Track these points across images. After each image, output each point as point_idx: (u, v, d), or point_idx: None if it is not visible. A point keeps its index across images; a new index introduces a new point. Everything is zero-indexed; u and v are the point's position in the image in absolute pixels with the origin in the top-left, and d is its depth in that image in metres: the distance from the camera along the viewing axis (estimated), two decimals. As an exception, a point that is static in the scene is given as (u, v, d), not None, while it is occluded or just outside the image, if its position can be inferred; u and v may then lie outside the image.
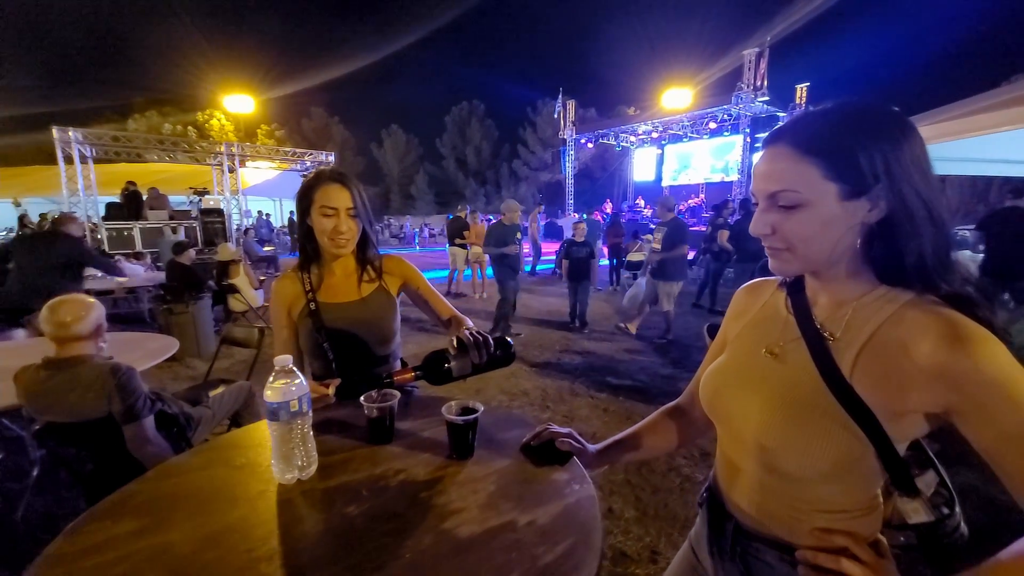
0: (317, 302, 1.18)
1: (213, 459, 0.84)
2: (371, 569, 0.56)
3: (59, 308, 1.59)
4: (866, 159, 0.54)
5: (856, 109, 0.57)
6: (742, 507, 0.67)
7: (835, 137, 0.55)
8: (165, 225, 9.46)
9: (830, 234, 0.57)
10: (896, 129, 0.55)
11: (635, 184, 19.84)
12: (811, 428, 0.57)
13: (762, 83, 12.95)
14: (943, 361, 0.51)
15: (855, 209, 0.56)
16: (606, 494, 2.35)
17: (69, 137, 9.43)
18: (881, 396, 0.54)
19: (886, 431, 0.54)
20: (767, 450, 0.61)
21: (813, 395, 0.58)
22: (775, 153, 0.58)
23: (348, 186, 1.15)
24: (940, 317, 0.53)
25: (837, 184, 0.55)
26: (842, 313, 0.60)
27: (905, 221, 0.55)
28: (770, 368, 0.64)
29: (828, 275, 0.61)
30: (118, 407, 1.62)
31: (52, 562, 0.58)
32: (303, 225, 1.18)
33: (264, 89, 37.40)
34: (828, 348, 0.59)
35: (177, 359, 4.21)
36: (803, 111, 0.63)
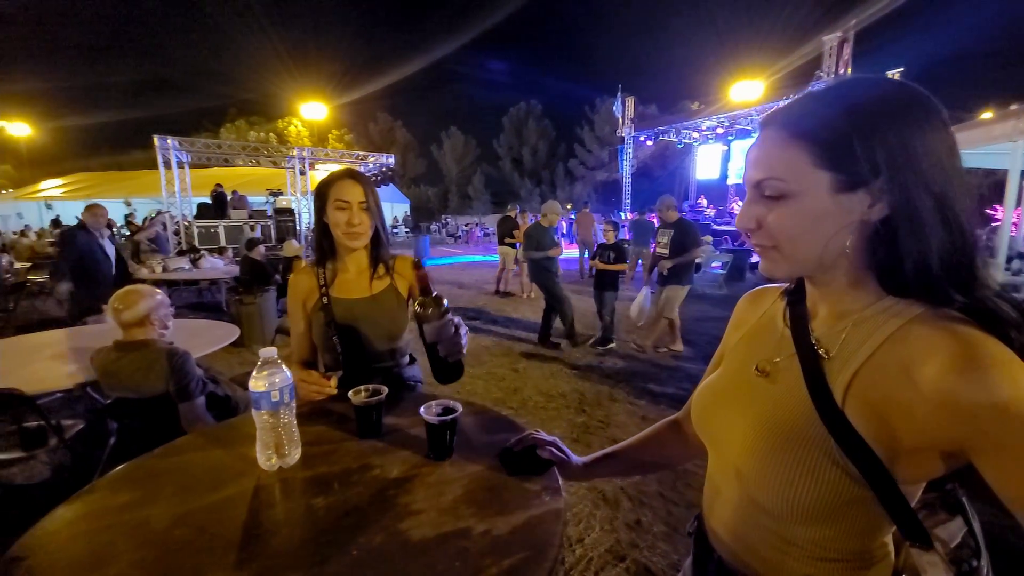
0: (329, 296, 1.22)
1: (215, 440, 0.89)
2: (318, 562, 0.57)
3: (128, 297, 1.79)
4: (865, 145, 0.45)
5: (863, 88, 0.48)
6: (725, 541, 0.60)
7: (831, 119, 0.47)
8: (245, 223, 10.39)
9: (819, 232, 0.49)
10: (910, 112, 0.46)
11: (697, 183, 18.87)
12: (796, 459, 0.49)
13: (845, 72, 11.81)
14: (952, 388, 0.42)
15: (850, 204, 0.47)
16: (636, 505, 2.25)
17: (168, 145, 10.62)
18: (879, 428, 0.46)
19: (888, 469, 0.46)
20: (749, 480, 0.54)
21: (801, 421, 0.50)
22: (764, 137, 0.51)
23: (360, 182, 1.20)
24: (952, 335, 0.44)
25: (829, 173, 0.47)
26: (840, 327, 0.52)
27: (908, 221, 0.46)
28: (759, 387, 0.57)
29: (825, 282, 0.53)
30: (173, 386, 1.79)
31: (50, 526, 0.64)
32: (319, 222, 1.23)
33: (336, 96, 39.92)
34: (822, 368, 0.51)
35: (244, 345, 4.60)
36: (805, 91, 0.54)
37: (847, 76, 0.50)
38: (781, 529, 0.53)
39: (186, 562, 0.57)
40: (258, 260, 5.77)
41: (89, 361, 1.85)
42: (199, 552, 0.58)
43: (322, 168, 15.50)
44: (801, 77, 13.91)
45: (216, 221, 10.32)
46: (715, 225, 12.98)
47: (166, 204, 10.75)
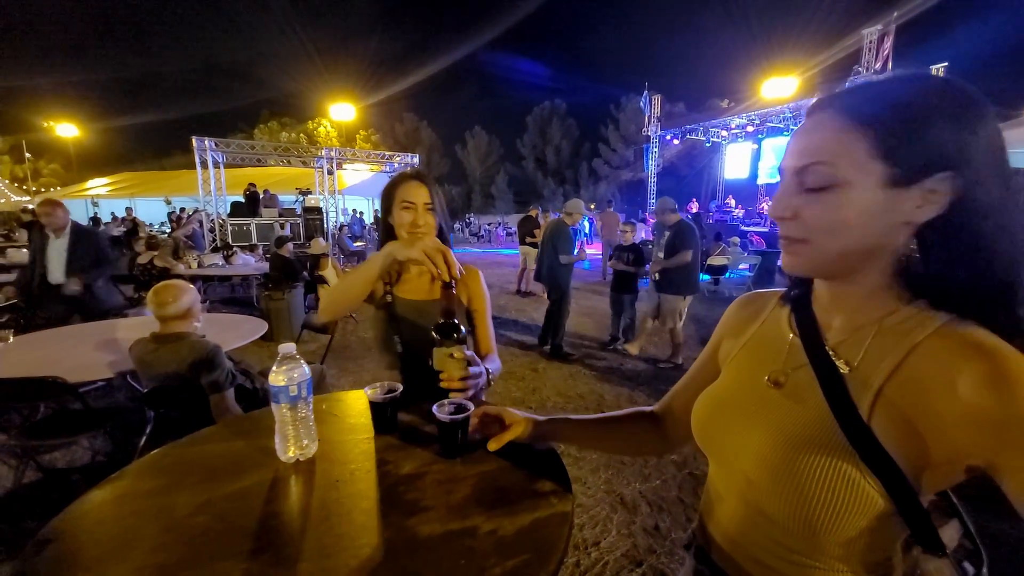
0: (393, 295, 1.25)
1: (237, 432, 0.93)
2: (327, 554, 0.58)
3: (160, 291, 1.87)
4: (929, 139, 0.43)
5: (929, 82, 0.46)
6: (728, 556, 0.58)
7: (896, 106, 0.44)
8: (275, 221, 10.73)
9: (861, 228, 0.46)
10: (973, 111, 0.44)
11: (726, 182, 18.41)
12: (819, 475, 0.47)
13: (884, 66, 11.30)
14: (984, 404, 0.41)
15: (901, 201, 0.45)
16: (654, 511, 2.22)
17: (205, 146, 11.07)
18: (905, 443, 0.45)
19: (911, 483, 0.45)
20: (760, 492, 0.52)
21: (822, 436, 0.48)
22: (817, 121, 0.48)
23: (426, 183, 1.21)
24: (982, 349, 0.42)
25: (885, 165, 0.44)
26: (859, 338, 0.50)
27: (968, 224, 0.44)
28: (773, 399, 0.55)
29: (847, 287, 0.51)
30: (205, 378, 1.86)
31: (78, 510, 0.68)
32: (385, 223, 1.25)
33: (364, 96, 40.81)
34: (843, 382, 0.49)
35: (273, 340, 4.75)
36: (864, 78, 0.51)
37: (902, 71, 0.47)
38: (793, 543, 0.52)
39: (204, 549, 0.59)
40: (287, 257, 5.95)
41: (128, 351, 1.95)
42: (216, 539, 0.61)
43: (349, 168, 15.89)
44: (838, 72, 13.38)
45: (248, 219, 10.71)
46: (743, 226, 12.62)
47: (202, 203, 11.20)
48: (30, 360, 2.32)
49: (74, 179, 26.18)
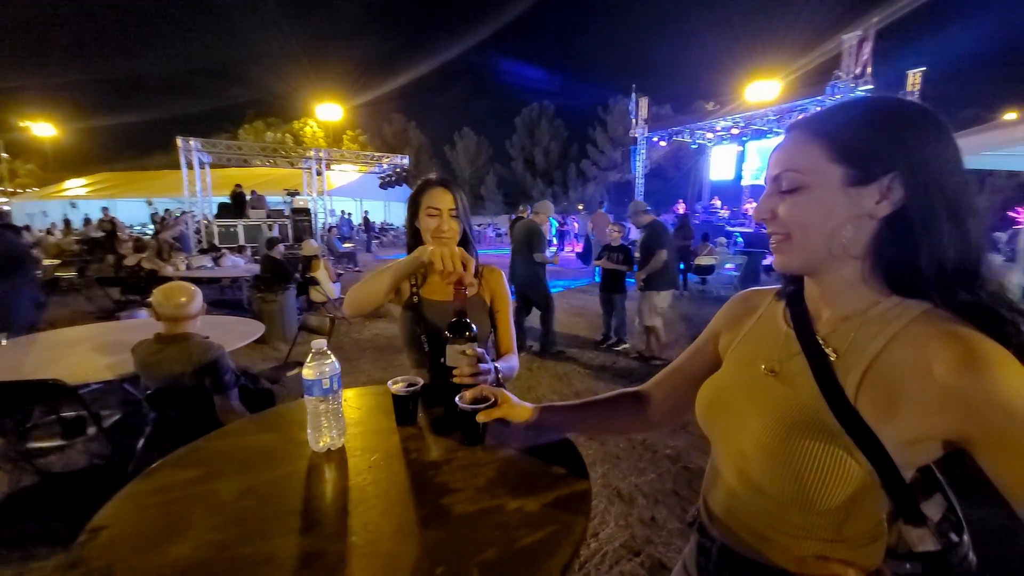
0: (420, 296, 1.29)
1: (266, 426, 0.97)
2: (372, 529, 0.64)
3: (173, 292, 1.89)
4: (877, 144, 0.51)
5: (879, 99, 0.55)
6: (732, 529, 0.63)
7: (848, 120, 0.53)
8: (263, 223, 10.63)
9: (830, 221, 0.53)
10: (919, 121, 0.51)
11: (711, 183, 18.73)
12: (811, 453, 0.52)
13: (864, 71, 11.61)
14: (957, 385, 0.46)
15: (860, 198, 0.52)
16: (651, 503, 2.29)
17: (191, 146, 10.92)
18: (889, 421, 0.50)
19: (893, 459, 0.50)
20: (757, 470, 0.58)
21: (815, 418, 0.54)
22: (789, 138, 0.57)
23: (451, 190, 1.25)
24: (954, 335, 0.48)
25: (842, 167, 0.52)
26: (847, 328, 0.55)
27: (921, 217, 0.50)
28: (770, 387, 0.60)
29: (831, 280, 0.57)
30: (210, 379, 1.89)
31: (126, 498, 0.72)
32: (411, 226, 1.29)
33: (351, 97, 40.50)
34: (831, 367, 0.55)
35: (265, 341, 4.74)
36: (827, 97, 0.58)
37: (858, 95, 0.54)
38: (789, 516, 0.57)
39: (255, 527, 0.64)
40: (278, 259, 5.92)
41: (130, 353, 1.96)
42: (266, 519, 0.66)
43: (336, 168, 15.78)
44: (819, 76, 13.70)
45: (235, 220, 10.59)
46: (728, 226, 12.87)
47: (188, 204, 11.04)
48: (20, 364, 2.31)
49: (51, 179, 25.51)
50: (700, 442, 2.81)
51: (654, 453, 2.71)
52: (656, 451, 2.73)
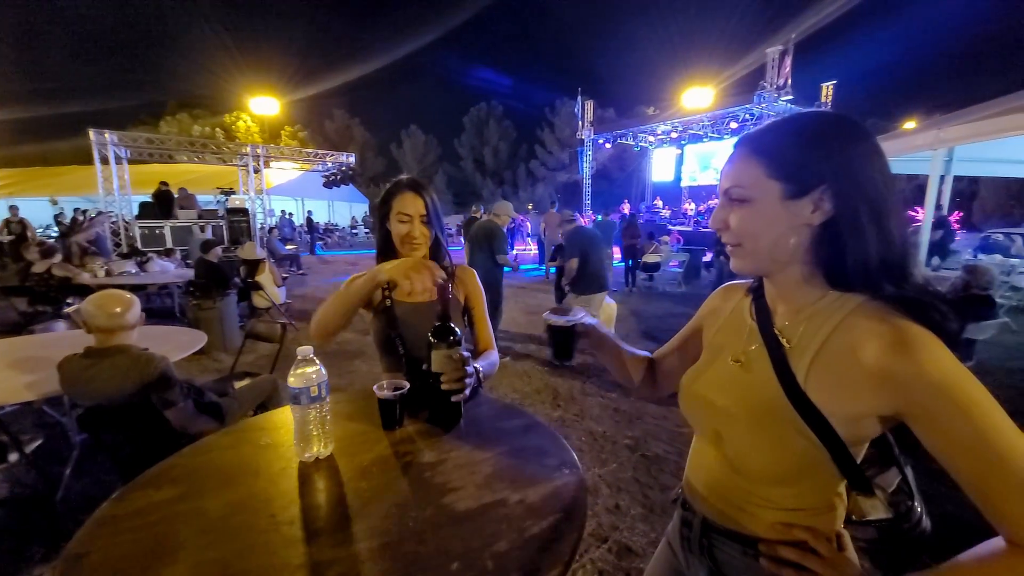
0: (393, 299, 1.26)
1: (241, 439, 0.93)
2: (380, 533, 0.64)
3: (107, 301, 1.72)
4: (807, 161, 0.57)
5: (808, 116, 0.60)
6: (710, 504, 0.70)
7: (781, 140, 0.59)
8: (194, 224, 9.84)
9: (773, 231, 0.59)
10: (844, 135, 0.58)
11: (654, 185, 19.66)
12: (772, 435, 0.59)
13: (785, 82, 12.69)
14: (888, 366, 0.52)
15: (797, 209, 0.58)
16: (614, 492, 2.39)
17: (105, 139, 9.89)
18: (834, 402, 0.56)
19: (840, 435, 0.56)
20: (733, 453, 0.64)
21: (773, 403, 0.59)
22: (735, 156, 0.63)
23: (423, 194, 1.23)
24: (885, 322, 0.54)
25: (780, 183, 0.58)
26: (798, 320, 0.62)
27: (847, 223, 0.56)
28: (736, 375, 0.67)
29: (782, 280, 0.64)
30: (156, 394, 1.74)
31: (101, 523, 0.67)
32: (382, 229, 1.26)
33: (288, 91, 38.43)
34: (785, 356, 0.61)
35: (204, 352, 4.39)
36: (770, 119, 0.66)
37: (801, 111, 0.62)
38: (758, 490, 0.63)
39: (255, 541, 0.62)
40: (215, 263, 5.53)
41: (56, 369, 1.77)
42: (266, 531, 0.64)
43: (275, 166, 14.88)
44: (748, 85, 14.79)
45: (161, 221, 9.72)
46: (671, 225, 13.59)
47: (103, 203, 10.00)
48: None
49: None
50: (656, 431, 2.97)
51: (614, 444, 2.83)
52: (616, 442, 2.85)
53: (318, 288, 8.61)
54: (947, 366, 0.50)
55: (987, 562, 0.50)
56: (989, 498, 0.49)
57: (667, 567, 0.82)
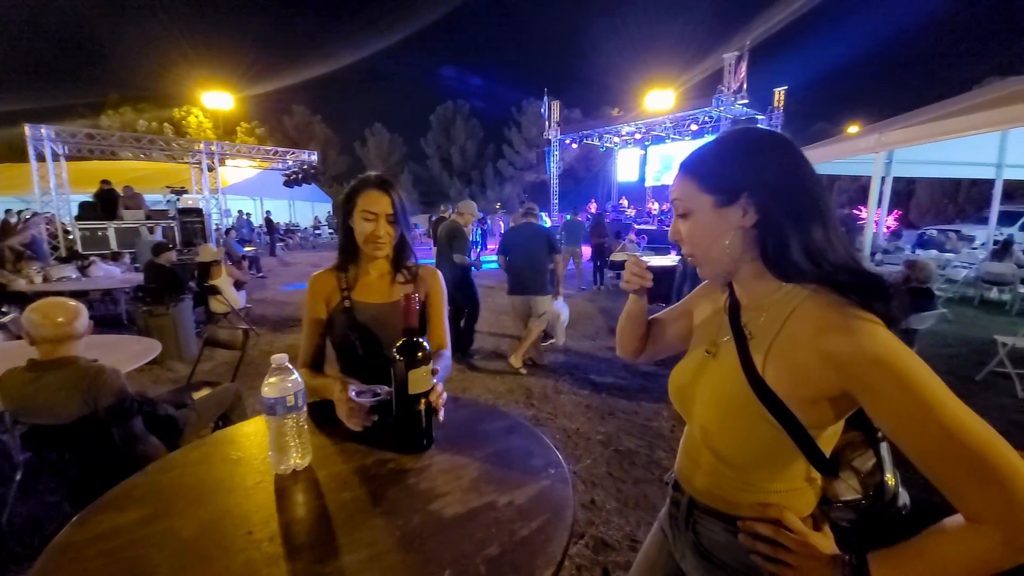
0: (352, 299, 1.22)
1: (209, 454, 0.88)
2: (366, 544, 0.62)
3: (52, 310, 1.59)
4: (729, 173, 0.64)
5: (730, 134, 0.68)
6: (696, 486, 0.75)
7: (707, 157, 0.67)
8: (141, 225, 9.26)
9: (714, 237, 0.66)
10: (760, 148, 0.64)
11: (619, 184, 20.07)
12: (741, 421, 0.64)
13: (741, 86, 13.24)
14: (830, 347, 0.56)
15: (729, 215, 0.64)
16: (589, 487, 2.43)
17: (41, 135, 9.15)
18: (790, 387, 0.60)
19: (800, 420, 0.60)
20: (712, 439, 0.69)
21: (739, 391, 0.64)
22: (677, 175, 0.71)
23: (390, 192, 1.19)
24: (828, 307, 0.59)
25: (710, 195, 0.65)
26: (759, 312, 0.67)
27: (771, 224, 0.62)
28: (710, 366, 0.72)
29: (740, 278, 0.70)
30: (106, 409, 1.63)
31: (61, 550, 0.62)
32: (345, 226, 1.22)
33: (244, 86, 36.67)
34: (748, 347, 0.66)
35: (157, 362, 4.15)
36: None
37: (728, 130, 0.70)
38: (737, 474, 0.68)
39: (234, 560, 0.59)
40: (167, 267, 5.22)
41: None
42: (244, 550, 0.61)
43: (231, 164, 14.19)
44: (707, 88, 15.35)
45: (104, 223, 9.09)
46: (636, 224, 13.93)
47: (39, 203, 9.24)
48: None
49: None
50: (627, 426, 3.04)
51: (587, 440, 2.88)
52: (589, 438, 2.90)
53: (279, 292, 8.28)
54: (885, 343, 0.54)
55: (945, 536, 0.52)
56: (937, 473, 0.51)
57: (658, 548, 0.87)
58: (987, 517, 0.49)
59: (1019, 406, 3.27)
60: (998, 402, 3.33)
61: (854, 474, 0.65)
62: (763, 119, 14.06)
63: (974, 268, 6.91)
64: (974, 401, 3.19)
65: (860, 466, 0.65)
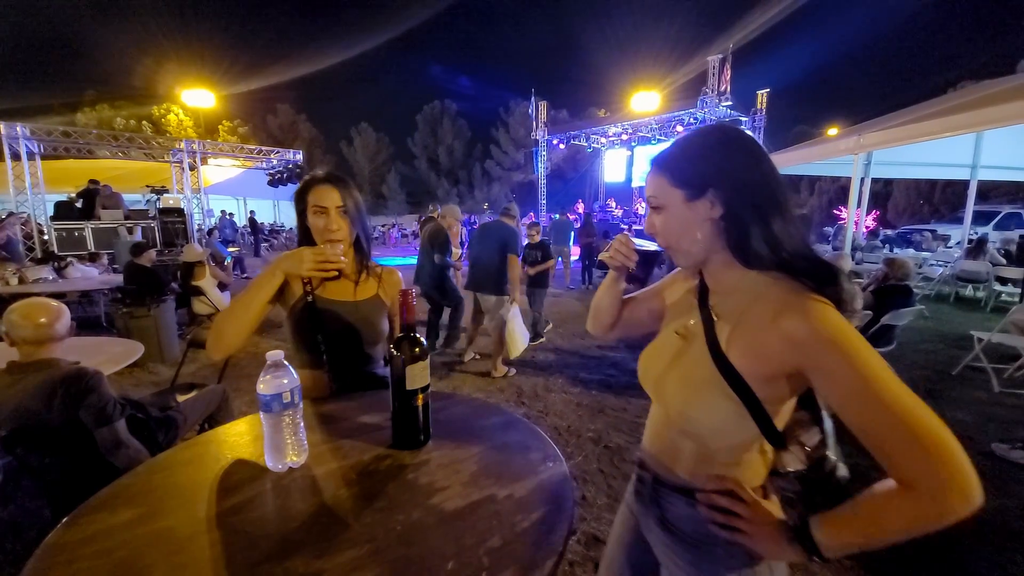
0: (315, 296, 1.21)
1: (201, 453, 0.87)
2: (367, 539, 0.62)
3: (33, 310, 1.55)
4: (697, 169, 0.69)
5: (698, 132, 0.72)
6: (660, 461, 0.80)
7: (677, 154, 0.71)
8: (120, 225, 9.02)
9: (686, 229, 0.71)
10: (726, 146, 0.69)
11: (606, 185, 20.21)
12: (706, 398, 0.69)
13: (725, 89, 13.43)
14: (786, 328, 0.61)
15: (699, 208, 0.69)
16: (580, 484, 2.45)
17: (16, 132, 8.86)
18: (751, 365, 0.66)
19: (758, 395, 0.66)
20: (676, 416, 0.74)
21: (704, 369, 0.69)
22: (650, 171, 0.75)
23: (337, 186, 1.19)
24: (789, 292, 0.64)
25: (680, 189, 0.70)
26: (726, 297, 0.73)
27: (735, 215, 0.67)
28: (679, 347, 0.77)
29: (709, 267, 0.74)
30: (88, 412, 1.59)
31: (53, 551, 0.60)
32: (302, 226, 1.22)
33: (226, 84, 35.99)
34: (714, 328, 0.71)
35: (139, 365, 4.05)
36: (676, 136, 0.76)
37: (697, 127, 0.75)
38: (699, 448, 0.73)
39: (235, 558, 0.58)
40: (148, 267, 5.11)
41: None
42: (244, 549, 0.60)
43: (213, 163, 13.90)
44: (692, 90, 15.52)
45: (81, 223, 8.84)
46: (623, 224, 14.03)
47: (14, 203, 8.95)
48: None
49: None
50: (616, 423, 3.06)
51: (578, 438, 2.90)
52: (580, 435, 2.92)
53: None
54: (836, 325, 0.59)
55: (876, 500, 0.57)
56: (872, 441, 0.56)
57: (623, 524, 0.93)
58: (916, 482, 0.54)
59: (995, 399, 3.38)
60: (974, 396, 3.44)
61: (800, 448, 0.71)
62: (746, 121, 14.29)
63: (950, 266, 7.12)
64: (951, 395, 3.29)
65: (806, 441, 0.71)
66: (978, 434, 2.84)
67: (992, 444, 2.66)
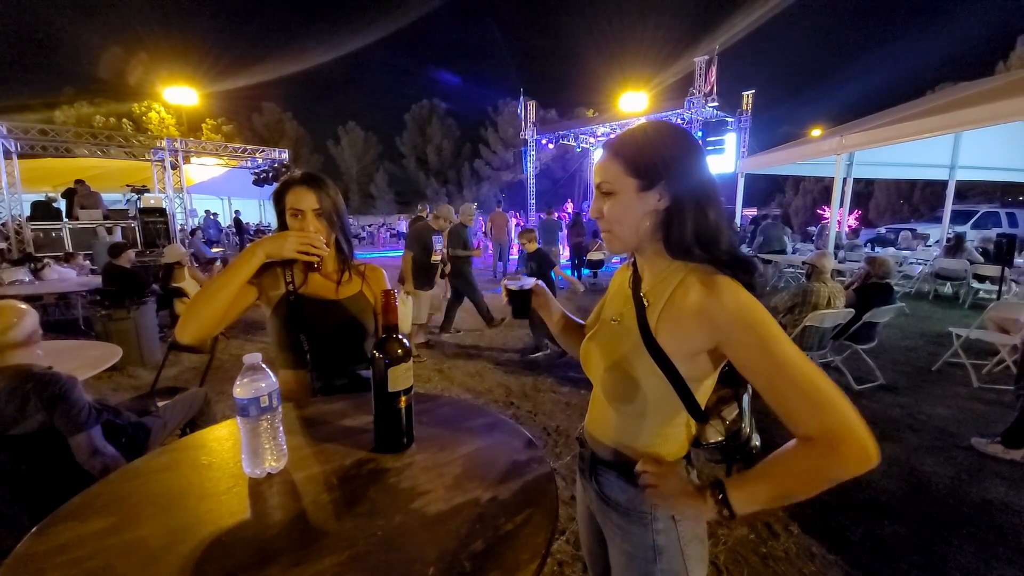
0: (298, 295, 1.19)
1: (177, 460, 0.84)
2: (346, 545, 0.60)
3: (1, 314, 1.50)
4: (653, 162, 0.72)
5: (652, 126, 0.76)
6: (598, 439, 0.85)
7: (634, 145, 0.74)
8: (99, 225, 8.81)
9: (633, 217, 0.74)
10: (679, 144, 0.73)
11: (595, 184, 20.26)
12: (635, 377, 0.75)
13: (712, 90, 13.57)
14: (703, 306, 0.68)
15: (648, 198, 0.73)
16: (568, 484, 2.45)
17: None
18: (675, 344, 0.72)
19: (683, 373, 0.72)
20: (610, 395, 0.80)
21: (635, 350, 0.75)
22: (603, 156, 0.77)
23: (313, 188, 1.17)
24: (706, 275, 0.70)
25: (634, 179, 0.73)
26: (656, 283, 0.78)
27: (679, 209, 0.72)
28: (614, 332, 0.82)
29: (644, 254, 0.79)
30: (61, 419, 1.55)
31: (22, 561, 0.58)
32: (282, 227, 1.21)
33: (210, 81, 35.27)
34: (645, 312, 0.76)
35: (118, 368, 3.97)
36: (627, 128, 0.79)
37: (651, 121, 0.78)
38: (630, 424, 0.79)
39: (208, 568, 0.56)
40: (127, 268, 4.99)
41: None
42: (219, 558, 0.58)
43: (196, 162, 13.64)
44: (679, 91, 15.65)
45: (58, 223, 8.61)
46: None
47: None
48: None
49: None
50: (606, 421, 3.07)
51: (567, 438, 2.90)
52: (568, 435, 2.92)
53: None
54: (743, 301, 0.66)
55: (780, 456, 0.64)
56: (777, 401, 0.63)
57: (582, 502, 0.98)
58: (812, 435, 0.61)
59: (974, 394, 3.45)
60: (954, 391, 3.51)
61: (720, 421, 0.77)
62: (732, 121, 14.46)
63: (929, 264, 7.29)
64: (931, 390, 3.36)
65: (726, 416, 0.78)
66: (958, 429, 2.91)
67: (972, 439, 2.72)
